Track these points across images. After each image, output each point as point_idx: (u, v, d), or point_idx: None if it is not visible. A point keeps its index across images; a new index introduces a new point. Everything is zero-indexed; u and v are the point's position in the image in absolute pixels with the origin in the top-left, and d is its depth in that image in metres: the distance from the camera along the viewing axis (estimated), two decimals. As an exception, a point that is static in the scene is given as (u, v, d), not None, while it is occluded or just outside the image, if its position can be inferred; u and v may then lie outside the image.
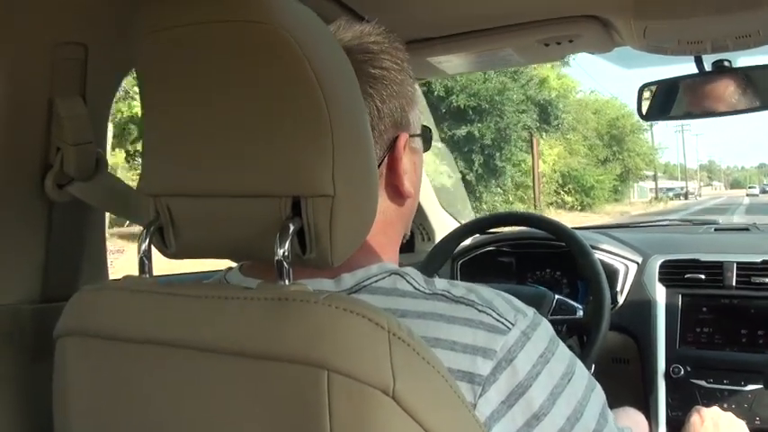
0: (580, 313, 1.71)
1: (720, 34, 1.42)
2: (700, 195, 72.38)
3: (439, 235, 2.27)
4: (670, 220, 2.93)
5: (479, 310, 0.72)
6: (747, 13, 1.31)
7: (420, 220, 2.30)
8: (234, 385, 0.63)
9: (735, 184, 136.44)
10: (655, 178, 51.81)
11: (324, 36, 0.70)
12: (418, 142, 0.89)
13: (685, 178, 72.99)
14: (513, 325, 0.72)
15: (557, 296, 1.72)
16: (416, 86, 0.88)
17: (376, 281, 0.76)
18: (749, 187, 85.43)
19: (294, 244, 0.66)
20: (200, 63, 0.68)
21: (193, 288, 0.71)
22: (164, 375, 0.68)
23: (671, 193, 65.98)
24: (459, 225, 2.09)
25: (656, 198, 52.77)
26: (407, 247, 2.31)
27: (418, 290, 0.75)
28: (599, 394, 0.77)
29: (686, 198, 63.60)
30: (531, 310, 0.76)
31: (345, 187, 0.66)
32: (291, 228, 0.65)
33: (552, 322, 1.60)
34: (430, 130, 0.94)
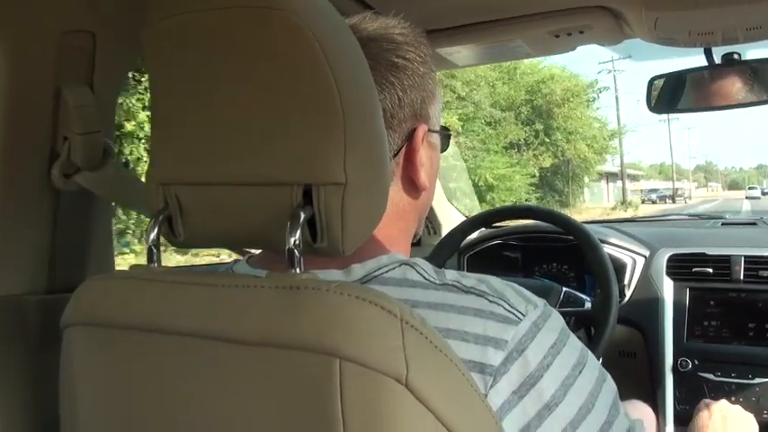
0: (588, 305, 1.71)
1: (731, 25, 1.41)
2: (690, 198, 61.53)
3: (445, 228, 2.26)
4: (678, 215, 2.93)
5: (490, 301, 0.72)
6: (759, 4, 1.30)
7: (427, 214, 2.29)
8: (244, 373, 0.62)
9: (733, 186, 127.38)
10: (622, 175, 39.48)
11: (337, 24, 0.69)
12: (436, 138, 0.89)
13: (672, 178, 64.33)
14: (524, 316, 0.71)
15: (564, 288, 1.72)
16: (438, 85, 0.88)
17: (386, 271, 0.76)
18: (749, 188, 73.84)
19: (305, 232, 0.65)
20: (210, 50, 0.68)
21: (203, 277, 0.70)
22: (172, 364, 0.68)
23: (654, 195, 56.07)
24: (465, 218, 2.08)
25: (624, 202, 36.62)
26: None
27: (429, 280, 0.75)
28: (610, 385, 0.77)
29: (673, 201, 53.64)
30: (541, 301, 0.76)
31: (357, 175, 0.65)
32: (302, 216, 0.64)
33: (561, 315, 1.61)
34: (449, 129, 0.94)
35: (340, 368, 0.57)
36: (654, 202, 51.16)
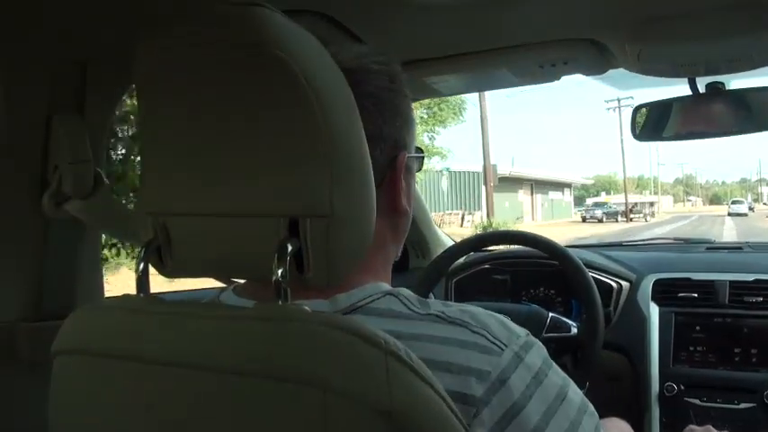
0: (574, 330, 1.71)
1: (713, 58, 1.43)
2: (652, 215, 49.69)
3: (433, 253, 2.27)
4: (664, 239, 2.94)
5: (473, 332, 0.73)
6: (739, 37, 1.32)
7: (414, 238, 2.30)
8: (231, 404, 0.63)
9: (714, 200, 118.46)
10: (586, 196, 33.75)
11: (321, 57, 0.70)
12: (413, 162, 0.90)
13: (624, 191, 49.46)
14: (506, 346, 0.72)
15: (551, 314, 1.73)
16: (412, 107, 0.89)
17: (371, 301, 0.77)
18: (732, 202, 60.13)
19: (291, 264, 0.66)
20: (199, 83, 0.69)
21: (192, 308, 0.71)
22: (160, 394, 0.68)
23: (599, 212, 44.64)
24: (453, 243, 2.09)
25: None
26: (402, 264, 2.31)
27: (413, 311, 0.76)
28: (592, 416, 0.77)
29: (627, 219, 43.20)
30: (524, 332, 0.77)
31: (343, 207, 0.66)
32: (289, 248, 0.65)
33: (547, 340, 1.63)
34: (422, 150, 0.95)
35: (325, 400, 0.58)
36: (600, 221, 42.73)
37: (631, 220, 43.54)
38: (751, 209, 58.24)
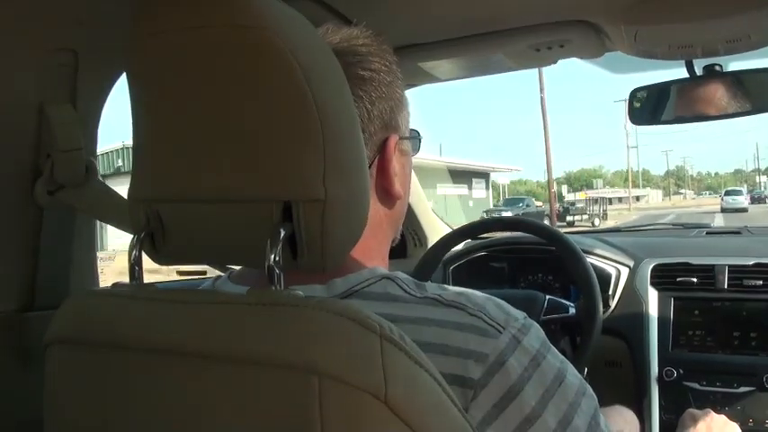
0: (572, 311, 1.72)
1: (710, 38, 1.43)
2: (604, 218, 34.42)
3: (431, 240, 2.27)
4: (663, 225, 2.94)
5: (470, 314, 0.72)
6: (737, 17, 1.32)
7: (412, 226, 2.30)
8: (225, 391, 0.62)
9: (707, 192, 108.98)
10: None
11: (313, 39, 0.69)
12: (407, 144, 0.89)
13: (549, 185, 29.26)
14: (503, 329, 0.72)
15: (548, 297, 1.72)
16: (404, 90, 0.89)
17: (367, 285, 0.76)
18: (725, 194, 44.59)
19: (286, 249, 0.66)
20: (190, 68, 0.68)
21: (184, 295, 0.70)
22: (154, 382, 0.68)
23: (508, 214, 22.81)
24: (450, 230, 2.09)
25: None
26: (400, 252, 2.31)
27: (410, 294, 0.75)
28: (590, 398, 0.77)
29: (591, 223, 30.87)
30: (521, 314, 0.76)
31: (336, 191, 0.66)
32: (282, 233, 0.65)
33: (545, 322, 1.62)
34: (419, 133, 0.94)
35: (319, 385, 0.57)
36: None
37: (572, 224, 30.46)
38: (760, 199, 49.04)
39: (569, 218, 32.68)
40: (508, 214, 22.40)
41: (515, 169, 48.87)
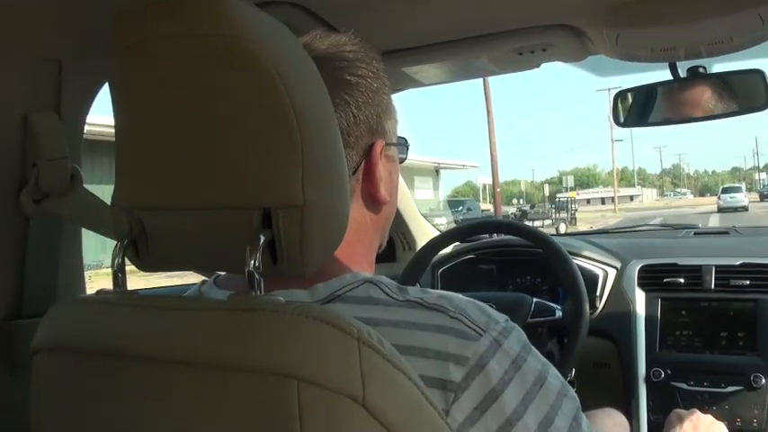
0: (559, 313, 1.73)
1: (693, 41, 1.43)
2: (572, 221, 29.92)
3: (420, 244, 2.27)
4: (651, 226, 2.95)
5: (451, 317, 0.73)
6: (719, 19, 1.32)
7: (400, 229, 2.31)
8: (206, 397, 0.63)
9: (705, 191, 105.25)
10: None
11: (291, 46, 0.70)
12: (394, 150, 0.90)
13: (494, 186, 25.86)
14: (484, 332, 0.72)
15: (535, 299, 1.73)
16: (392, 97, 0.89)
17: (350, 290, 0.77)
18: (723, 191, 41.20)
19: (266, 255, 0.66)
20: (171, 76, 0.69)
21: (167, 301, 0.71)
22: (138, 389, 0.68)
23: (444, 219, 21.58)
24: (438, 234, 2.10)
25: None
26: (388, 256, 2.32)
27: (392, 297, 0.76)
28: (572, 399, 0.77)
29: (555, 228, 23.34)
30: (503, 317, 0.77)
31: (315, 197, 0.66)
32: (262, 239, 0.65)
33: (533, 325, 1.63)
34: (406, 140, 0.95)
35: (298, 390, 0.58)
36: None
37: (558, 229, 22.44)
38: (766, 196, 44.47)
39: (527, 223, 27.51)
40: (442, 220, 20.42)
41: (472, 165, 44.05)
